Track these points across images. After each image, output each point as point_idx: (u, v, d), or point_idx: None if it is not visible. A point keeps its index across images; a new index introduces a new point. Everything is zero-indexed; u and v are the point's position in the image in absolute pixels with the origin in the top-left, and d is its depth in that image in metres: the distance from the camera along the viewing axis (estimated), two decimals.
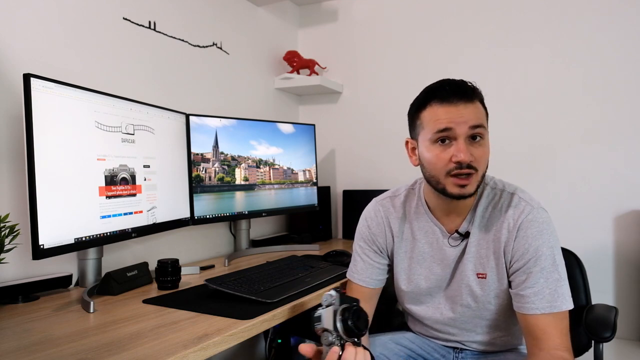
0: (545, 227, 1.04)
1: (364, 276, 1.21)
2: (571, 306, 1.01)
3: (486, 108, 1.08)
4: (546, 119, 1.93)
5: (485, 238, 1.09)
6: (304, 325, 1.87)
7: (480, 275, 1.10)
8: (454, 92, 1.01)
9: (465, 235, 1.11)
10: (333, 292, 0.90)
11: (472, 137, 1.01)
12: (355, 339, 0.88)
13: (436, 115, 1.02)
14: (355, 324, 0.86)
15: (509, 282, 1.08)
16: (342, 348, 0.86)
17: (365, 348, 0.89)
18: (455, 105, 1.01)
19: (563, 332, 0.99)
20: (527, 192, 1.11)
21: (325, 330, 0.88)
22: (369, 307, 1.21)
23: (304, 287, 1.26)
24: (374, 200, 1.27)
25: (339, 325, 0.86)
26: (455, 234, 1.12)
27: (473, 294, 1.11)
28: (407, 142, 1.15)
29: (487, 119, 1.08)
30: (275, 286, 1.24)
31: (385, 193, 1.27)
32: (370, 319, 1.19)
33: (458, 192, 1.02)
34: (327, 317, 0.88)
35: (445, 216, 1.14)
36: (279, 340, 1.96)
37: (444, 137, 1.01)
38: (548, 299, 0.99)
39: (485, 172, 1.07)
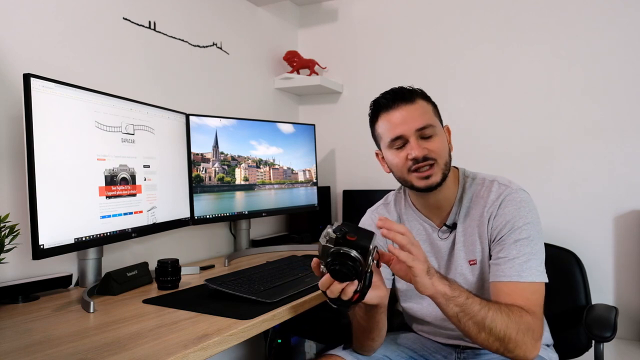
0: (524, 205, 1.09)
1: None
2: (540, 280, 1.02)
3: (432, 102, 1.16)
4: (546, 118, 1.93)
5: (471, 225, 1.14)
6: (304, 325, 1.87)
7: (472, 262, 1.14)
8: (394, 98, 1.12)
9: (453, 227, 1.16)
10: (332, 233, 0.88)
11: (423, 134, 1.09)
12: None
13: (386, 124, 1.13)
14: (335, 272, 0.86)
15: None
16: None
17: (364, 283, 0.89)
18: (398, 109, 1.11)
19: (529, 299, 1.00)
20: (507, 179, 1.16)
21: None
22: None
23: (304, 287, 1.25)
24: (369, 211, 1.33)
25: (323, 268, 0.88)
26: (444, 227, 1.18)
27: (468, 282, 1.14)
28: (377, 154, 1.24)
29: (438, 112, 1.16)
30: (275, 286, 1.24)
31: (377, 203, 1.34)
32: (386, 322, 1.17)
33: (424, 184, 1.10)
34: (319, 249, 0.89)
35: (432, 212, 1.20)
36: (279, 340, 1.96)
37: (399, 144, 1.11)
38: (517, 269, 1.02)
39: (449, 160, 1.13)
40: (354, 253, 0.85)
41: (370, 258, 0.87)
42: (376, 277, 0.94)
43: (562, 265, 1.44)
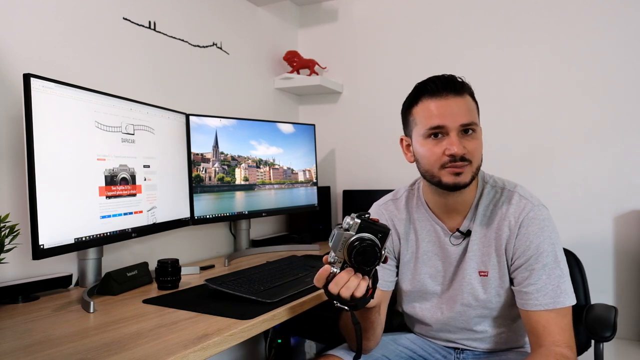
0: (546, 224, 1.05)
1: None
2: (574, 302, 1.01)
3: (477, 102, 1.09)
4: (546, 119, 1.93)
5: (487, 236, 1.10)
6: (304, 325, 1.87)
7: (482, 274, 1.10)
8: (444, 86, 1.03)
9: (467, 234, 1.11)
10: (356, 219, 0.86)
11: (464, 131, 1.03)
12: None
13: (428, 111, 1.04)
14: (355, 260, 0.85)
15: (511, 280, 1.08)
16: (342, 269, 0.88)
17: (374, 279, 0.90)
18: (445, 98, 1.02)
19: (564, 329, 0.99)
20: (527, 190, 1.11)
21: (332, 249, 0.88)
22: (381, 309, 1.18)
23: (304, 287, 1.25)
24: (376, 204, 1.26)
25: (341, 252, 0.87)
26: (457, 233, 1.12)
27: (474, 293, 1.11)
28: (401, 140, 1.16)
29: (479, 112, 1.09)
30: (275, 286, 1.24)
31: (386, 197, 1.26)
32: (383, 322, 1.17)
33: (453, 180, 1.03)
34: (336, 239, 0.87)
35: (446, 214, 1.14)
36: (279, 340, 1.96)
37: (437, 132, 1.03)
38: (551, 295, 1.00)
39: (480, 164, 1.08)
40: (377, 235, 0.86)
41: (384, 246, 0.87)
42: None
43: None
